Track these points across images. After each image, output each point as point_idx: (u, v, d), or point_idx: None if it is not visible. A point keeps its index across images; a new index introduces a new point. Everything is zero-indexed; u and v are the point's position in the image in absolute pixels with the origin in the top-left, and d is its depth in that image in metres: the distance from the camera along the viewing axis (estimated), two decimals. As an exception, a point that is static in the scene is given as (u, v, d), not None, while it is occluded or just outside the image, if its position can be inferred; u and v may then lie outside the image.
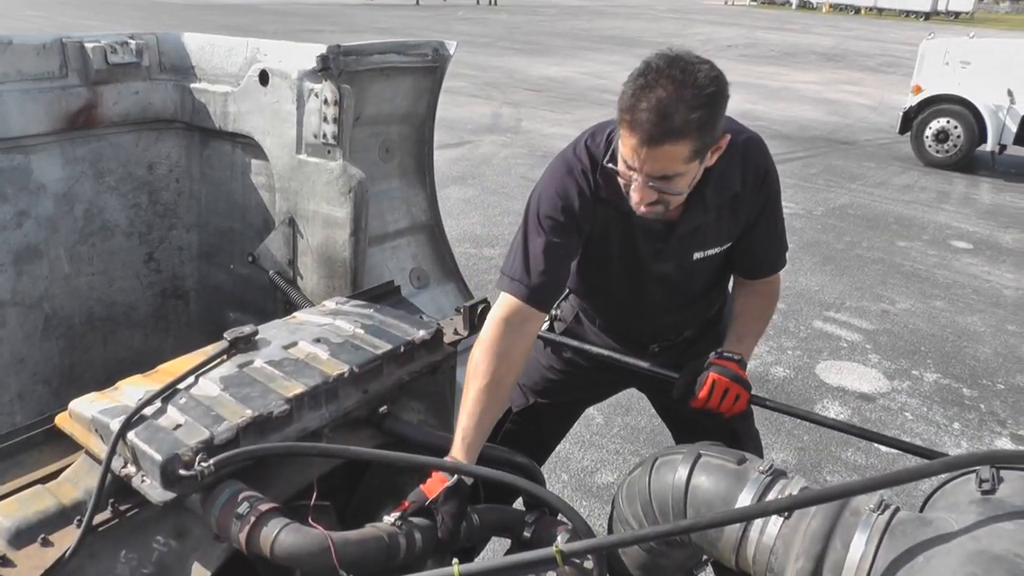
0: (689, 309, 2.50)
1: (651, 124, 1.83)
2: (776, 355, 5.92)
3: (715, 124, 1.91)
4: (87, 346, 3.18)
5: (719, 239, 2.27)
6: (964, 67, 11.92)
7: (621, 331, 2.59)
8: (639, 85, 1.86)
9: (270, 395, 1.78)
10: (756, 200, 2.23)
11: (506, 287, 2.16)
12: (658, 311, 2.45)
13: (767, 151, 2.26)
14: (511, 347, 2.09)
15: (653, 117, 1.82)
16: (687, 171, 1.94)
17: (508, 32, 31.19)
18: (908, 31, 41.90)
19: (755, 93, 18.71)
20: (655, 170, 1.91)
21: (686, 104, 1.82)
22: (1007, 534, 1.31)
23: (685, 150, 1.87)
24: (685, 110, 1.82)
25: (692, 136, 1.85)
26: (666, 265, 2.29)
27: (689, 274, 2.34)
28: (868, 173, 11.93)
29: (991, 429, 5.06)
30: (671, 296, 2.41)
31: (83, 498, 1.63)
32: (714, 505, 1.64)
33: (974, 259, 8.42)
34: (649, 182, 1.94)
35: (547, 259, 2.14)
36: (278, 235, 2.99)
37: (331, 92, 2.70)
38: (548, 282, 2.15)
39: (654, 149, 1.86)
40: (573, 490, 4.16)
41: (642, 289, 2.37)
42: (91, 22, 26.14)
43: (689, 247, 2.25)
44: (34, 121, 2.80)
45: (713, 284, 2.48)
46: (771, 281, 2.44)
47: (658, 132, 1.83)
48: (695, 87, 1.83)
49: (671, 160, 1.89)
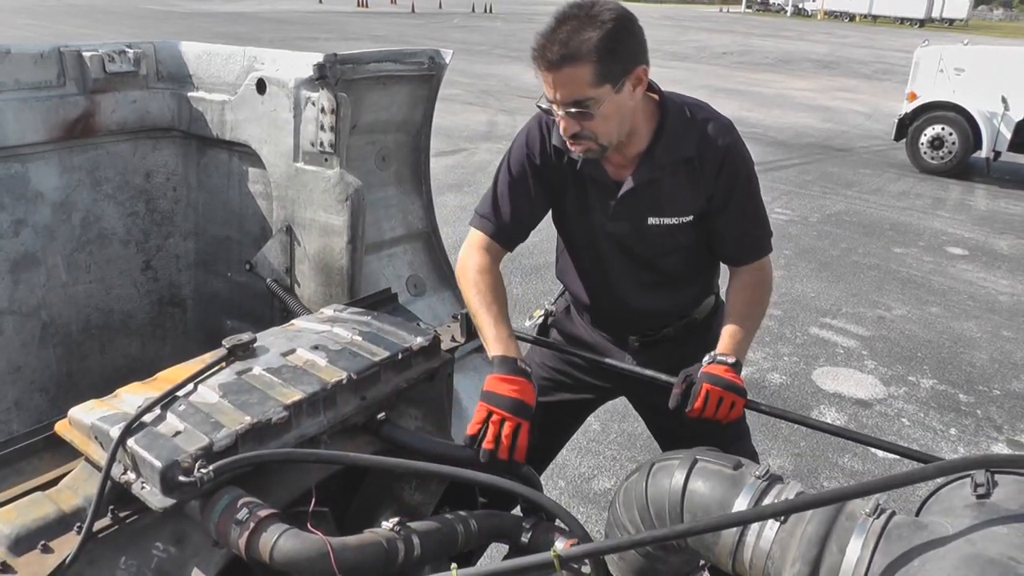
0: (663, 294, 2.52)
1: (551, 51, 2.04)
2: (772, 362, 5.94)
3: (619, 51, 2.07)
4: (84, 354, 3.19)
5: (676, 208, 2.35)
6: (958, 74, 11.98)
7: (601, 316, 2.65)
8: (547, 27, 2.09)
9: (269, 402, 1.79)
10: (720, 179, 2.32)
11: (475, 223, 2.46)
12: (624, 284, 2.51)
13: (735, 132, 2.36)
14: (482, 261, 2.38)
15: (553, 46, 2.04)
16: (598, 96, 2.08)
17: (504, 40, 31.25)
18: (903, 38, 42.02)
19: (750, 100, 18.77)
20: (566, 96, 2.09)
21: (583, 31, 2.03)
22: (1002, 538, 1.32)
23: (587, 72, 2.04)
24: (580, 35, 2.03)
25: (591, 58, 2.03)
26: (620, 225, 2.39)
27: (648, 242, 2.41)
28: (863, 180, 11.97)
29: (988, 435, 5.07)
30: (634, 268, 2.47)
31: (83, 505, 1.64)
32: (711, 510, 1.65)
33: (969, 265, 8.45)
34: (568, 109, 2.11)
35: (511, 198, 2.40)
36: (275, 243, 2.99)
37: (328, 100, 2.72)
38: (510, 220, 2.41)
39: (557, 73, 2.06)
40: (570, 496, 4.17)
41: (602, 254, 2.48)
42: (89, 31, 26.16)
43: (643, 209, 2.35)
44: (31, 130, 2.81)
45: (690, 273, 2.53)
46: (758, 270, 2.46)
47: (556, 57, 2.04)
48: (591, 17, 2.05)
49: (577, 84, 2.06)
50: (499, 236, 2.41)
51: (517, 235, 2.46)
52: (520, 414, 2.05)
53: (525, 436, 2.05)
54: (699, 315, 2.63)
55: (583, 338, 2.69)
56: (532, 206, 2.44)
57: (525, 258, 7.37)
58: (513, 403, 2.04)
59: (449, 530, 1.80)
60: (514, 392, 2.06)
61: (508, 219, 2.40)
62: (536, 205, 2.45)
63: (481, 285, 2.32)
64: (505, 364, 2.13)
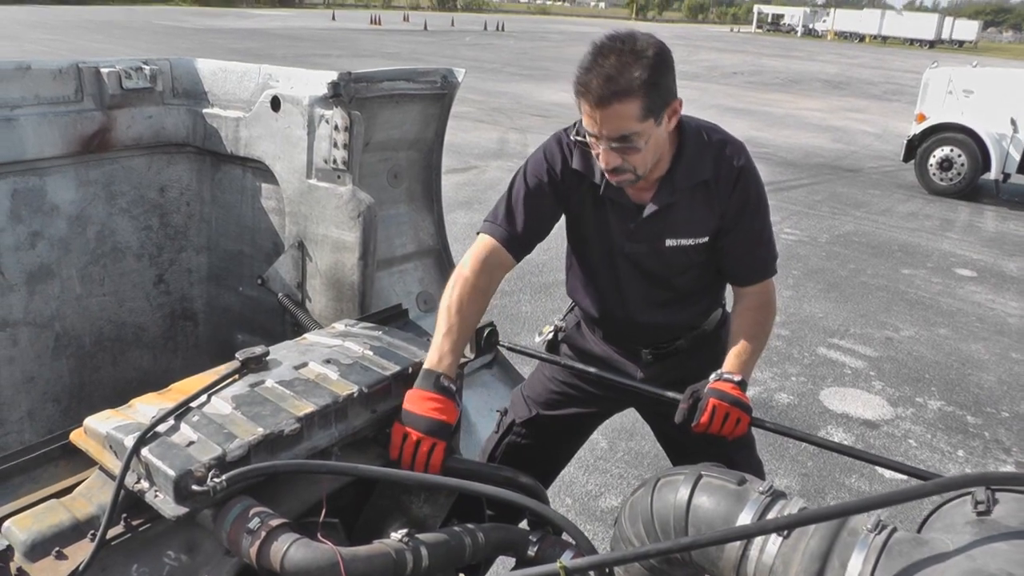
0: (676, 311, 2.57)
1: (599, 87, 2.07)
2: (780, 381, 5.94)
3: (660, 84, 2.12)
4: (96, 366, 3.22)
5: (693, 230, 2.41)
6: (967, 96, 12.02)
7: (612, 331, 2.68)
8: (588, 60, 2.12)
9: (281, 414, 1.81)
10: (732, 199, 2.37)
11: (486, 229, 2.44)
12: (638, 303, 2.55)
13: (748, 158, 2.42)
14: (474, 276, 2.33)
15: (601, 81, 2.07)
16: (643, 130, 2.14)
17: (515, 58, 31.42)
18: (913, 59, 42.08)
19: (760, 120, 18.83)
20: (612, 131, 2.13)
21: (629, 67, 2.07)
22: (1002, 554, 1.33)
23: (635, 108, 2.09)
24: (628, 72, 2.06)
25: (639, 95, 2.07)
26: (639, 246, 2.44)
27: (665, 263, 2.46)
28: (872, 200, 11.98)
29: (995, 457, 5.07)
30: (649, 287, 2.52)
31: (97, 513, 1.66)
32: (715, 524, 1.67)
33: (978, 287, 8.44)
34: (611, 144, 2.15)
35: (525, 209, 2.41)
36: (287, 258, 3.02)
37: (341, 118, 2.75)
38: (522, 230, 2.42)
39: (605, 109, 2.09)
40: (577, 514, 4.18)
41: (618, 273, 2.52)
42: (105, 45, 26.39)
43: (661, 231, 2.40)
44: (49, 144, 2.85)
45: (701, 289, 2.57)
46: (763, 292, 2.49)
47: (606, 93, 2.07)
48: (635, 52, 2.09)
49: (624, 119, 2.10)
50: (510, 243, 2.41)
51: (526, 245, 2.47)
52: (437, 435, 1.99)
53: (440, 455, 2.00)
54: (708, 327, 2.67)
55: (594, 352, 2.73)
56: (544, 220, 2.47)
57: (535, 276, 7.41)
58: (429, 424, 1.99)
59: (457, 542, 1.82)
60: (432, 411, 2.01)
61: (520, 228, 2.42)
62: (547, 220, 2.48)
63: (457, 299, 2.28)
64: (427, 379, 2.07)
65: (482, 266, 2.36)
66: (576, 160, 2.39)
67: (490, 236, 2.42)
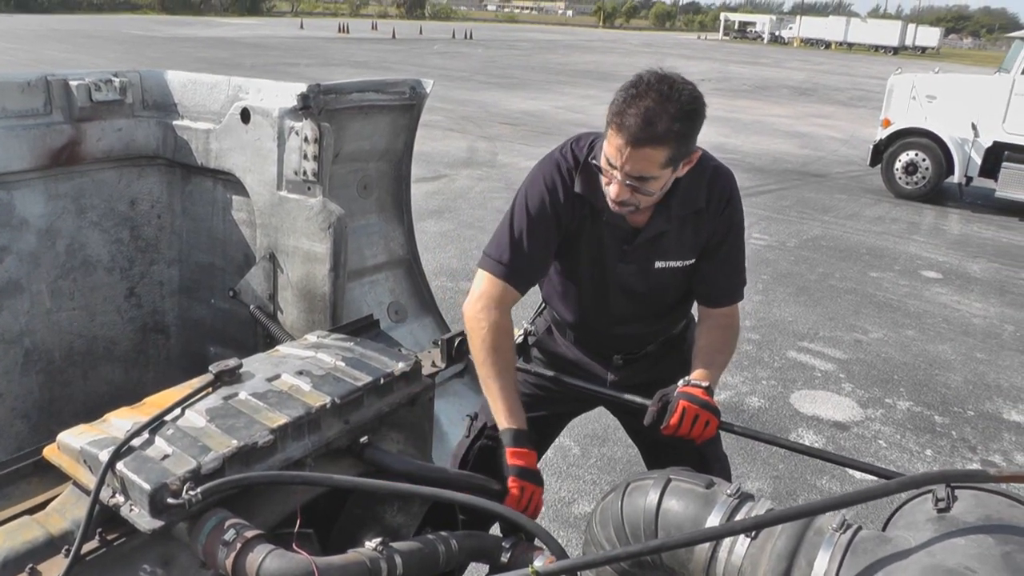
0: (652, 322, 2.65)
1: (637, 127, 2.07)
2: (751, 385, 6.00)
3: (691, 138, 2.17)
4: (67, 381, 3.20)
5: (681, 253, 2.46)
6: (931, 101, 12.21)
7: (586, 338, 2.72)
8: (630, 94, 2.11)
9: (255, 426, 1.82)
10: (719, 224, 2.44)
11: (488, 267, 2.41)
12: (621, 317, 2.59)
13: (735, 183, 2.48)
14: (498, 318, 2.36)
15: (640, 122, 2.07)
16: (661, 176, 2.18)
17: (484, 66, 31.46)
18: (877, 65, 42.58)
19: (728, 126, 18.97)
20: (634, 170, 2.15)
21: (669, 115, 2.08)
22: (960, 549, 1.37)
23: (662, 156, 2.12)
24: (668, 120, 2.07)
25: (670, 144, 2.11)
26: (629, 267, 2.47)
27: (651, 283, 2.50)
28: (840, 205, 12.12)
29: (962, 455, 5.15)
30: (634, 303, 2.56)
31: (71, 528, 1.66)
32: (684, 527, 1.70)
33: (944, 288, 8.57)
34: (627, 180, 2.17)
35: (528, 242, 2.38)
36: (259, 270, 3.03)
37: (311, 130, 2.77)
38: (526, 263, 2.40)
39: (636, 150, 2.10)
40: (551, 520, 4.20)
41: (605, 290, 2.54)
42: (71, 55, 26.13)
43: (652, 253, 2.44)
44: (17, 157, 2.84)
45: (678, 303, 2.64)
46: (730, 315, 2.57)
47: (643, 135, 2.08)
48: (678, 102, 2.09)
49: (649, 163, 2.13)
50: (517, 280, 2.39)
51: (533, 278, 2.48)
52: (539, 482, 2.29)
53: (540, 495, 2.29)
54: (676, 330, 2.75)
55: (566, 356, 2.76)
56: (549, 250, 2.45)
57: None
58: (534, 475, 2.28)
59: (430, 550, 1.83)
60: (532, 464, 2.29)
61: (526, 263, 2.40)
62: (552, 248, 2.46)
63: (492, 347, 2.34)
64: (519, 439, 2.30)
65: (500, 310, 2.38)
66: (579, 184, 2.38)
67: (497, 277, 2.39)
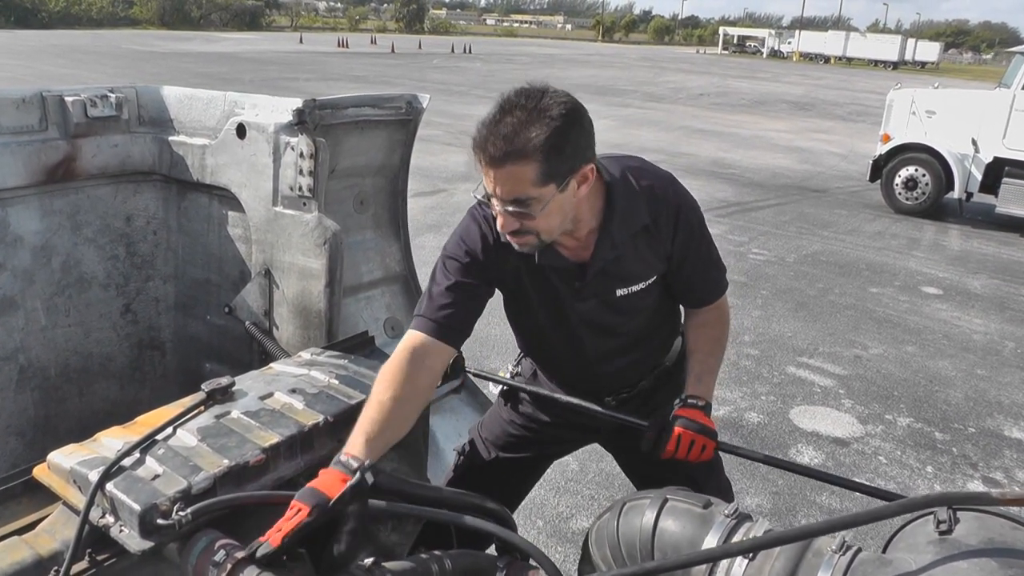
0: (634, 351, 2.51)
1: (494, 146, 1.93)
2: (750, 401, 5.98)
3: (565, 148, 1.96)
4: (62, 398, 3.18)
5: (640, 275, 2.31)
6: (930, 116, 12.22)
7: (574, 382, 2.58)
8: (490, 116, 1.97)
9: (246, 445, 1.81)
10: (677, 238, 2.28)
11: (413, 324, 2.21)
12: (597, 354, 2.46)
13: (678, 185, 2.32)
14: (414, 376, 2.09)
15: (498, 141, 1.92)
16: (541, 196, 1.98)
17: (483, 80, 31.53)
18: (877, 80, 42.73)
19: (727, 141, 19.00)
20: (507, 192, 1.98)
21: (529, 127, 1.91)
22: (961, 572, 1.35)
23: (531, 172, 1.94)
24: (527, 132, 1.91)
25: (536, 158, 1.92)
26: (587, 303, 2.32)
27: (619, 312, 2.37)
28: (839, 220, 12.12)
29: (963, 472, 5.12)
30: (605, 337, 2.43)
31: (60, 549, 1.65)
32: (681, 548, 1.68)
33: (944, 304, 8.55)
34: (507, 207, 2.01)
35: (450, 297, 2.20)
36: (254, 286, 3.02)
37: (307, 145, 2.76)
38: (449, 319, 2.19)
39: (500, 170, 1.95)
40: (548, 536, 4.17)
41: (572, 331, 2.40)
42: (70, 71, 26.19)
43: (610, 283, 2.30)
44: (12, 174, 2.83)
45: (657, 325, 2.51)
46: (718, 308, 2.47)
47: (500, 153, 1.92)
48: (539, 111, 1.93)
49: (519, 181, 1.95)
50: (437, 333, 2.18)
51: (458, 331, 2.25)
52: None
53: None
54: (670, 361, 2.63)
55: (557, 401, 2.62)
56: (477, 302, 2.28)
57: (504, 298, 7.41)
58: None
59: (424, 570, 1.81)
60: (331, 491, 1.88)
61: (446, 316, 2.20)
62: (481, 301, 2.30)
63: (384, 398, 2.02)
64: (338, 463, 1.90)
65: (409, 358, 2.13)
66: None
67: (420, 331, 2.19)
